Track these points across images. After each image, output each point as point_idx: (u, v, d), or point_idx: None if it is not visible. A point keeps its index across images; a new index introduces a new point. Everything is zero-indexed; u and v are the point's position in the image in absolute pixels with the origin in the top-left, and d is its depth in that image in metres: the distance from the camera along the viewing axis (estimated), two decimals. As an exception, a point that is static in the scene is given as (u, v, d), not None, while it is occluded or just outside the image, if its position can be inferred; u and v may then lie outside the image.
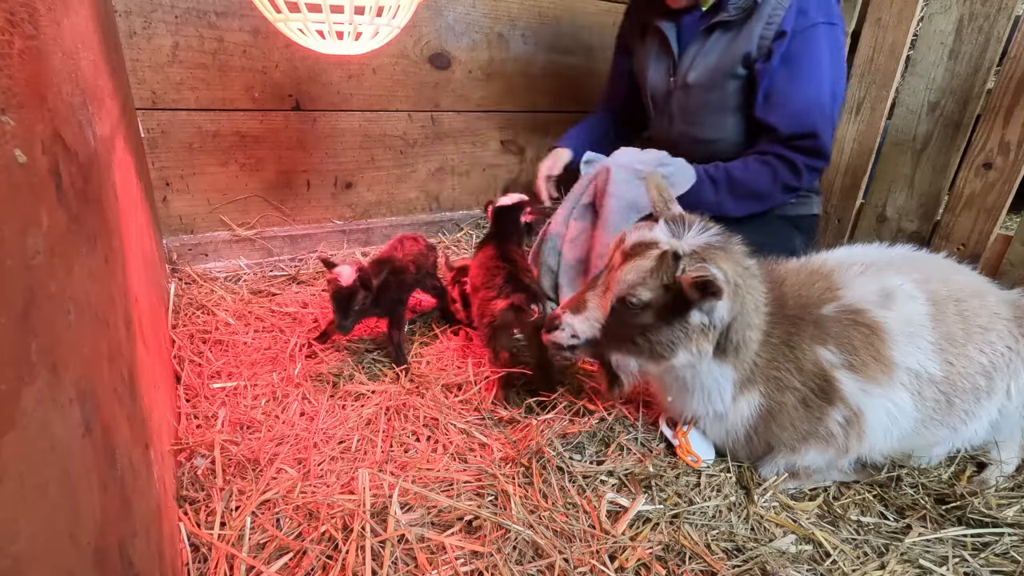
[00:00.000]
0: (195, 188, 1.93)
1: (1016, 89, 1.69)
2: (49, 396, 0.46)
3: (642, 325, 1.06)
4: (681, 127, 1.90)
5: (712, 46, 1.74)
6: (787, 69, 1.64)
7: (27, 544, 0.40)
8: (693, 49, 1.78)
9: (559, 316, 1.15)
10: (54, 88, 0.64)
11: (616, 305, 1.07)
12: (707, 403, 1.15)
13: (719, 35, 1.73)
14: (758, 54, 1.66)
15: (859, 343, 1.11)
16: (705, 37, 1.76)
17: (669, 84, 1.88)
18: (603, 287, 1.11)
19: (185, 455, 1.13)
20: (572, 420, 1.31)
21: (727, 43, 1.71)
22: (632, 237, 1.09)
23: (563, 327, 1.14)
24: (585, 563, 0.95)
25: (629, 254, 1.07)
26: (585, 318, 1.12)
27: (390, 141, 2.25)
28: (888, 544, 1.05)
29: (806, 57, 1.63)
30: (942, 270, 1.26)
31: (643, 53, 1.95)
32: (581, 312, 1.13)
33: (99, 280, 0.70)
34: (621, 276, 1.05)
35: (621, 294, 1.05)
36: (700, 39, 1.77)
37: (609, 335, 1.11)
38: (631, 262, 1.05)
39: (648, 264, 1.03)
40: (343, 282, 1.37)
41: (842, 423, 1.11)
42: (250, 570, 0.91)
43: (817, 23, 1.61)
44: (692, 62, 1.78)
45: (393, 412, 1.32)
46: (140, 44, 1.70)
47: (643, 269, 1.03)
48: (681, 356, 1.07)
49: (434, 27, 2.18)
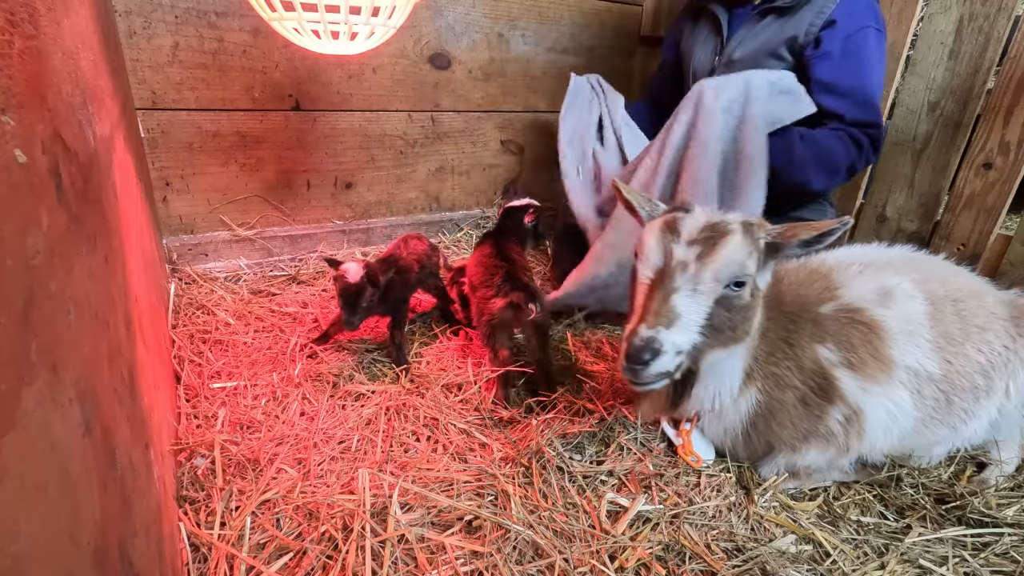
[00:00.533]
0: (195, 188, 1.93)
1: (1016, 89, 1.69)
2: (49, 396, 0.46)
3: (743, 305, 0.98)
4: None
5: (762, 29, 1.83)
6: (849, 62, 1.70)
7: (27, 544, 0.40)
8: (742, 31, 1.88)
9: (652, 339, 0.92)
10: (54, 88, 0.64)
11: (724, 292, 0.96)
12: (719, 395, 1.13)
13: (771, 19, 1.81)
14: (805, 40, 1.73)
15: (858, 341, 1.11)
16: (757, 20, 1.85)
17: (713, 62, 1.97)
18: (690, 284, 0.95)
19: (185, 455, 1.13)
20: (572, 420, 1.31)
21: (778, 27, 1.79)
22: (691, 224, 0.98)
23: (665, 348, 0.92)
24: (585, 563, 0.95)
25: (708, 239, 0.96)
26: (683, 326, 0.94)
27: (390, 141, 2.25)
28: (888, 544, 1.05)
29: (863, 54, 1.69)
30: (940, 271, 1.26)
31: (692, 35, 2.06)
32: (676, 321, 0.94)
33: (99, 280, 0.70)
34: (722, 257, 0.94)
35: (733, 277, 0.95)
36: (752, 22, 1.86)
37: (711, 333, 0.97)
38: (723, 244, 0.95)
39: (739, 237, 0.96)
40: (350, 279, 1.37)
41: (842, 422, 1.11)
42: (250, 570, 0.91)
43: (869, 26, 1.68)
44: (740, 42, 1.88)
45: (393, 412, 1.32)
46: (140, 44, 1.70)
47: (740, 244, 0.95)
48: (754, 324, 1.01)
49: (434, 27, 2.18)
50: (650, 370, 0.93)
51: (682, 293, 0.95)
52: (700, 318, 0.95)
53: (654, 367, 0.93)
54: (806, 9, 1.74)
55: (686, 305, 0.95)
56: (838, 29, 1.69)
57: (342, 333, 1.58)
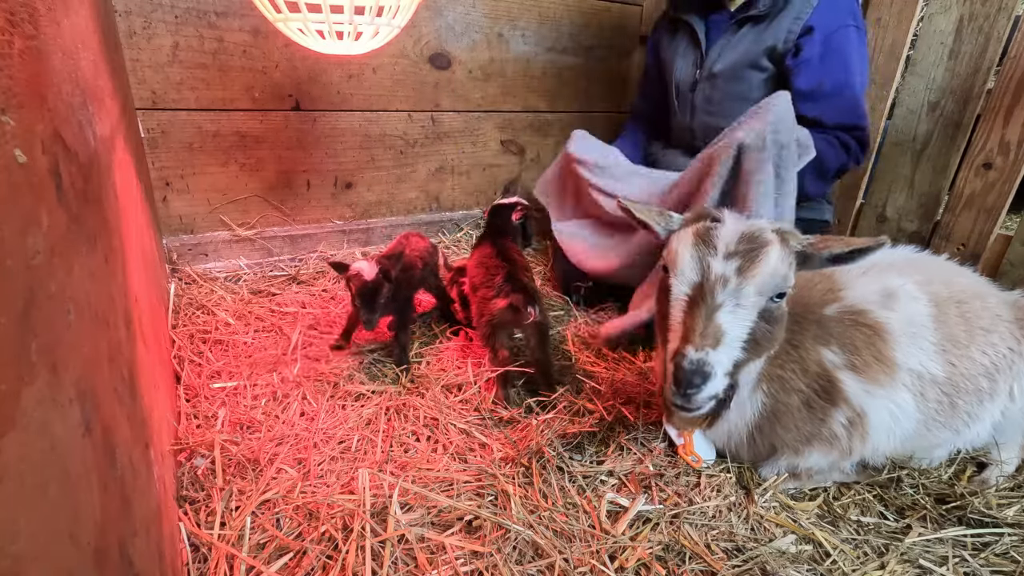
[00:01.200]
0: (195, 188, 1.93)
1: (1016, 89, 1.69)
2: (49, 396, 0.46)
3: (781, 315, 0.96)
4: (703, 118, 1.98)
5: (740, 39, 1.82)
6: (829, 63, 1.69)
7: (27, 544, 0.40)
8: (721, 42, 1.87)
9: (703, 361, 0.87)
10: (54, 88, 0.64)
11: (766, 305, 0.93)
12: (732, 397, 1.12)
13: (748, 29, 1.81)
14: (784, 48, 1.73)
15: (861, 344, 1.11)
16: (735, 31, 1.83)
17: (695, 75, 1.96)
18: (732, 301, 0.91)
19: (185, 455, 1.13)
20: (572, 420, 1.31)
21: (755, 36, 1.78)
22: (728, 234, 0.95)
23: (716, 371, 0.88)
24: (585, 563, 0.95)
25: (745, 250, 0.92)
26: (728, 345, 0.91)
27: (390, 141, 2.25)
28: (888, 544, 1.05)
29: (844, 53, 1.69)
30: (944, 272, 1.26)
31: (672, 49, 2.05)
32: (721, 341, 0.90)
33: (99, 280, 0.70)
34: (765, 271, 0.91)
35: (776, 289, 0.93)
36: (729, 32, 1.85)
37: (752, 347, 0.94)
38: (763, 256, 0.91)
39: (778, 249, 0.93)
40: (367, 276, 1.37)
41: (845, 424, 1.11)
42: (250, 570, 0.91)
43: (848, 24, 1.68)
44: (720, 54, 1.87)
45: (393, 412, 1.32)
46: (140, 44, 1.70)
47: (781, 255, 0.92)
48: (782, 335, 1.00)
49: (434, 27, 2.18)
50: (702, 394, 0.89)
51: (726, 310, 0.91)
52: (744, 334, 0.92)
53: (706, 391, 0.89)
54: (783, 16, 1.73)
55: (730, 322, 0.91)
56: (816, 34, 1.69)
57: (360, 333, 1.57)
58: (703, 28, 1.92)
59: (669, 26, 2.08)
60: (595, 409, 1.34)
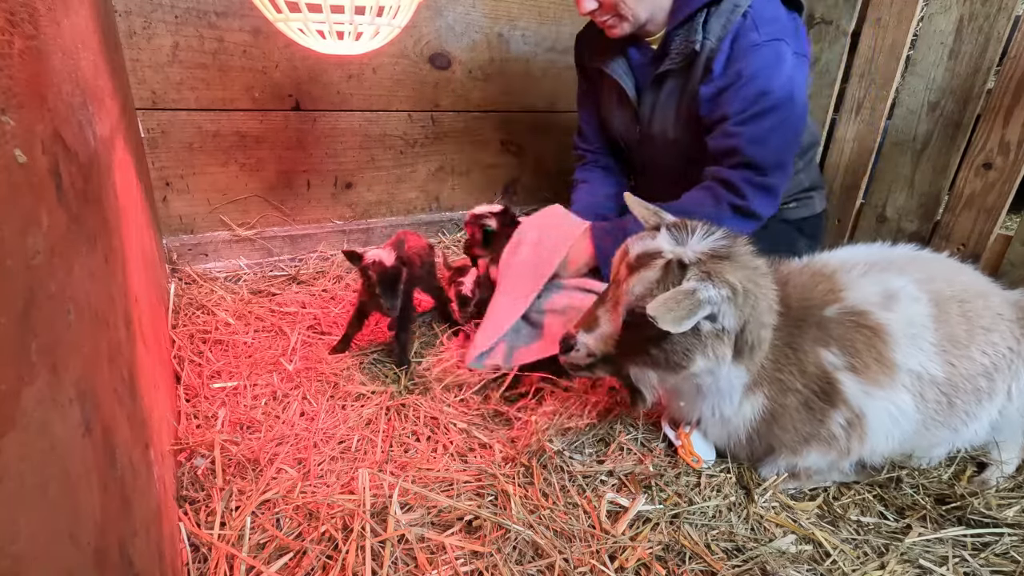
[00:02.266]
0: (195, 188, 1.93)
1: (1016, 89, 1.69)
2: (49, 396, 0.46)
3: (655, 336, 1.02)
4: (658, 172, 1.85)
5: (667, 97, 1.65)
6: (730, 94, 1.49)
7: (27, 544, 0.40)
8: (649, 99, 1.69)
9: (572, 336, 1.13)
10: (54, 88, 0.64)
11: (628, 319, 1.06)
12: (717, 405, 1.14)
13: (671, 83, 1.62)
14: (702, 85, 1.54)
15: (861, 345, 1.11)
16: (658, 87, 1.66)
17: (636, 133, 1.79)
18: (612, 302, 1.09)
19: (185, 455, 1.13)
20: (572, 419, 1.31)
21: (680, 90, 1.61)
22: (636, 248, 1.07)
23: (578, 347, 1.12)
24: (585, 563, 0.95)
25: (634, 266, 1.05)
26: (599, 335, 1.10)
27: (390, 141, 2.25)
28: (888, 544, 1.05)
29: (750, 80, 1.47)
30: (945, 270, 1.25)
31: (604, 102, 1.85)
32: (594, 329, 1.11)
33: (99, 280, 0.70)
34: (628, 289, 1.04)
35: (631, 307, 1.04)
36: (653, 90, 1.67)
37: (624, 350, 1.09)
38: (637, 274, 1.03)
39: (654, 275, 1.01)
40: (387, 263, 1.37)
41: (844, 425, 1.11)
42: (250, 570, 0.91)
43: (758, 43, 1.46)
44: (651, 113, 1.70)
45: (393, 412, 1.32)
46: (140, 44, 1.70)
47: (649, 280, 1.01)
48: (699, 363, 1.04)
49: (434, 27, 2.18)
50: (566, 357, 1.14)
51: (606, 306, 1.11)
52: (611, 331, 1.09)
53: (569, 356, 1.14)
54: (697, 63, 1.54)
55: (604, 319, 1.10)
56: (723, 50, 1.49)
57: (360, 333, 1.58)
58: (631, 81, 1.70)
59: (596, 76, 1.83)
60: (595, 408, 1.34)
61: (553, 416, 1.31)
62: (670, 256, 1.01)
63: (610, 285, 1.12)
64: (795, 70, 1.49)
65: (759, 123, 1.48)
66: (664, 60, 1.59)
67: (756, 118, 1.48)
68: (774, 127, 1.49)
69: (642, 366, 1.10)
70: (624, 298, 1.05)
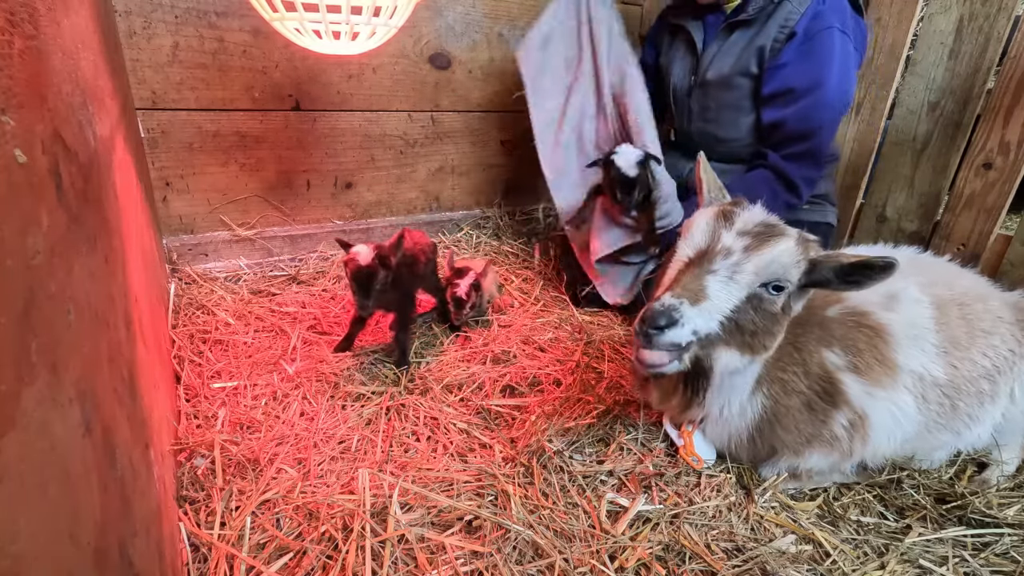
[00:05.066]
0: (195, 188, 1.93)
1: (1016, 89, 1.69)
2: (49, 396, 0.46)
3: (772, 313, 0.95)
4: (699, 124, 1.97)
5: (731, 45, 1.80)
6: (801, 66, 1.67)
7: (27, 544, 0.40)
8: (713, 48, 1.85)
9: (674, 307, 0.89)
10: (54, 88, 0.64)
11: (757, 291, 0.93)
12: (729, 402, 1.12)
13: (738, 34, 1.78)
14: (770, 54, 1.72)
15: (864, 346, 1.10)
16: (725, 36, 1.82)
17: (690, 81, 1.94)
18: (727, 271, 0.93)
19: (185, 455, 1.13)
20: (572, 418, 1.31)
21: (745, 42, 1.77)
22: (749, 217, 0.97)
23: (684, 322, 0.89)
24: (585, 563, 0.95)
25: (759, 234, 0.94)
26: (707, 308, 0.91)
27: (390, 141, 2.25)
28: (888, 544, 1.05)
29: (819, 56, 1.65)
30: (946, 273, 1.26)
31: (670, 53, 2.03)
32: (701, 300, 0.91)
33: (99, 280, 0.70)
34: (770, 254, 0.92)
35: (774, 277, 0.92)
36: (720, 38, 1.83)
37: (730, 328, 0.94)
38: (772, 242, 0.93)
39: (792, 244, 0.93)
40: (362, 261, 1.34)
41: (846, 426, 1.11)
42: (250, 570, 0.91)
43: (832, 26, 1.65)
44: (712, 60, 1.85)
45: (393, 412, 1.32)
46: (140, 44, 1.70)
47: (791, 248, 0.92)
48: (775, 345, 0.99)
49: (434, 27, 2.18)
50: (663, 337, 0.89)
51: (718, 276, 0.92)
52: (727, 307, 0.92)
53: (667, 335, 0.89)
54: (772, 20, 1.71)
55: (718, 289, 0.91)
56: (798, 38, 1.67)
57: (362, 332, 1.57)
58: (700, 34, 1.90)
59: (669, 29, 2.05)
60: (595, 408, 1.34)
61: (553, 416, 1.31)
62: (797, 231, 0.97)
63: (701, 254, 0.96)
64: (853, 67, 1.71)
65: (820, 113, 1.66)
66: (739, 12, 1.76)
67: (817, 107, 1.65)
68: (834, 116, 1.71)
69: (736, 349, 0.96)
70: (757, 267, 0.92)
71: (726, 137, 1.91)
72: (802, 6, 1.67)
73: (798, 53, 1.67)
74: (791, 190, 1.73)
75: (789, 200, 1.75)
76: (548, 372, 1.51)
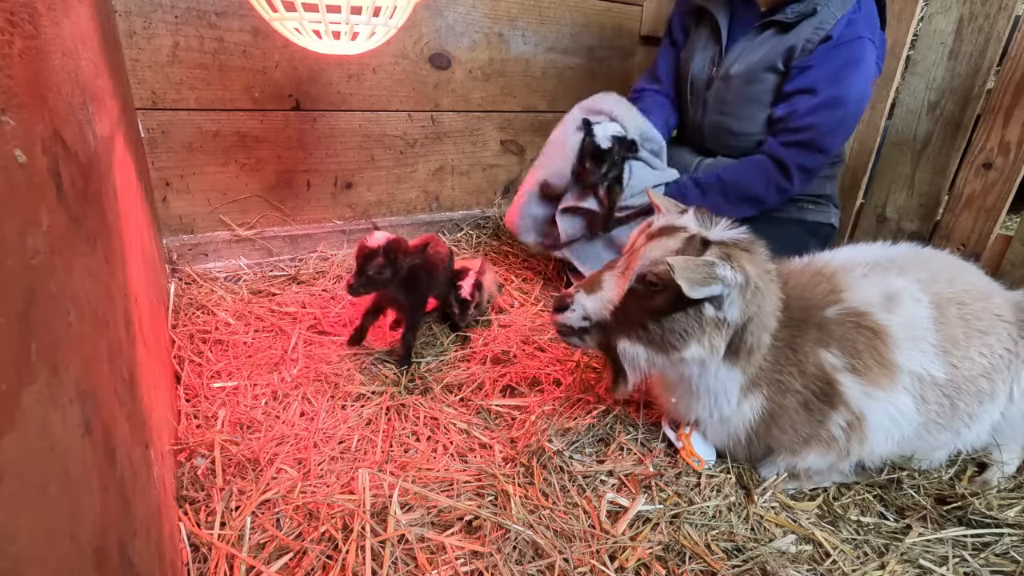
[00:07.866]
0: (195, 188, 1.93)
1: (1016, 89, 1.69)
2: (49, 396, 0.46)
3: (657, 309, 1.02)
4: (714, 117, 1.96)
5: (761, 42, 1.81)
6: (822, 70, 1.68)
7: (27, 544, 0.40)
8: (742, 44, 1.84)
9: (571, 295, 1.10)
10: (54, 88, 0.64)
11: (634, 285, 1.04)
12: (712, 407, 1.14)
13: (770, 34, 1.79)
14: (800, 53, 1.72)
15: (862, 346, 1.10)
16: (757, 33, 1.81)
17: (711, 72, 1.93)
18: (622, 268, 1.08)
19: (185, 455, 1.13)
20: (572, 418, 1.31)
21: (777, 41, 1.77)
22: (660, 221, 1.08)
23: (574, 307, 1.09)
24: (585, 563, 0.95)
25: (655, 235, 1.05)
26: (598, 298, 1.08)
27: (390, 141, 2.25)
28: (888, 544, 1.05)
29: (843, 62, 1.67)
30: (948, 269, 1.24)
31: (693, 39, 2.01)
32: (595, 291, 1.09)
33: (99, 280, 0.70)
34: (645, 253, 1.03)
35: (643, 271, 1.02)
36: (752, 35, 1.82)
37: (621, 318, 1.07)
38: (656, 241, 1.03)
39: (675, 244, 1.01)
40: (370, 243, 1.35)
41: (844, 427, 1.11)
42: (250, 570, 0.91)
43: (863, 36, 1.66)
44: (738, 56, 1.84)
45: (393, 412, 1.32)
46: (140, 44, 1.70)
47: (669, 248, 1.01)
48: (693, 349, 1.02)
49: (434, 27, 2.18)
50: (556, 318, 1.12)
51: (614, 272, 1.09)
52: (614, 296, 1.07)
53: (559, 317, 1.12)
54: (807, 22, 1.72)
55: (611, 283, 1.08)
56: (831, 43, 1.68)
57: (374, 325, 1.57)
58: (727, 23, 1.88)
59: (694, 13, 2.00)
60: (595, 407, 1.34)
61: (553, 416, 1.31)
62: (695, 231, 1.02)
63: (623, 254, 1.11)
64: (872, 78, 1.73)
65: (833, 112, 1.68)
66: (776, 12, 1.76)
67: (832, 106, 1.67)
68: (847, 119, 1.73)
69: (635, 341, 1.07)
70: (637, 263, 1.03)
71: (740, 131, 1.90)
72: (839, 11, 1.68)
73: (827, 57, 1.68)
74: (783, 173, 1.73)
75: (780, 183, 1.74)
76: (548, 372, 1.51)
